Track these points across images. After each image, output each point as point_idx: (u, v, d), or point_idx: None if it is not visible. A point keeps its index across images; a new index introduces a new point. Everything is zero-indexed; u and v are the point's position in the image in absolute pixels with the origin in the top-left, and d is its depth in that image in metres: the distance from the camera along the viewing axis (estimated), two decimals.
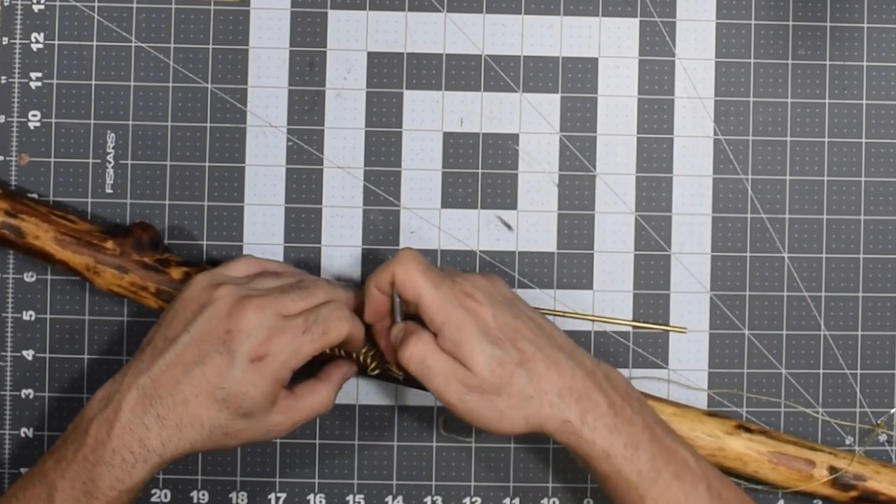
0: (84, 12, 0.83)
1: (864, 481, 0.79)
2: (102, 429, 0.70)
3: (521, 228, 0.84)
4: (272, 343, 0.70)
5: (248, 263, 0.77)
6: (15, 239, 0.78)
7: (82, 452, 0.69)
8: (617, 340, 0.83)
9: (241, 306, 0.70)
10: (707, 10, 0.84)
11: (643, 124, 0.84)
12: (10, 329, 0.82)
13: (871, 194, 0.84)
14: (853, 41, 0.84)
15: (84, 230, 0.79)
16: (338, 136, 0.83)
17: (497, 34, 0.84)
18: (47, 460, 0.71)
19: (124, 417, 0.69)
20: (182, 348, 0.70)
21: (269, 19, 0.83)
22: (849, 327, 0.84)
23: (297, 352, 0.71)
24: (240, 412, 0.70)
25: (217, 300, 0.71)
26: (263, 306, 0.71)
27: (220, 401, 0.70)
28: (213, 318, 0.70)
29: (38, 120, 0.83)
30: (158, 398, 0.70)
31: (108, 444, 0.69)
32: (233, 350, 0.70)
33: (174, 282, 0.79)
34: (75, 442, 0.70)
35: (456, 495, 0.83)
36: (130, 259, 0.79)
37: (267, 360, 0.70)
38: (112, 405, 0.70)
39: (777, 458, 0.79)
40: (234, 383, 0.70)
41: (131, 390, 0.70)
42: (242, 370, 0.70)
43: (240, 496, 0.83)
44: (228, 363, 0.69)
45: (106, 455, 0.69)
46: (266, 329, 0.70)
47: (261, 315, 0.70)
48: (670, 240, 0.84)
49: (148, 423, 0.69)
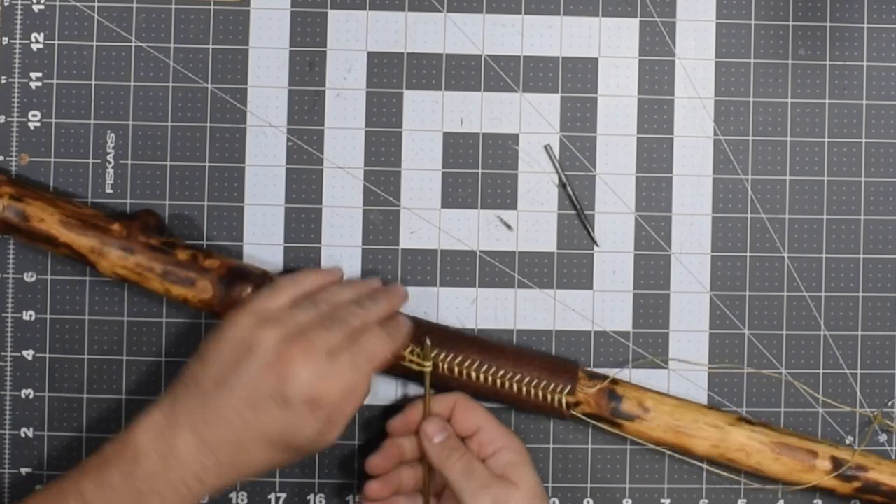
0: (84, 12, 0.83)
1: (865, 472, 0.79)
2: (157, 463, 0.69)
3: (521, 228, 0.84)
4: (325, 385, 0.71)
5: (287, 293, 0.76)
6: (19, 223, 0.78)
7: (132, 482, 0.69)
8: (617, 340, 0.83)
9: (290, 351, 0.71)
10: (707, 10, 0.84)
11: (643, 124, 0.84)
12: (10, 329, 0.82)
13: (871, 194, 0.84)
14: (853, 41, 0.84)
15: (90, 214, 0.79)
16: (338, 136, 0.83)
17: (497, 34, 0.84)
18: (82, 480, 0.70)
19: (181, 456, 0.69)
20: (233, 395, 0.70)
21: (269, 19, 0.83)
22: (849, 327, 0.84)
23: (348, 388, 0.72)
24: (295, 448, 0.72)
25: (263, 343, 0.71)
26: (312, 349, 0.71)
27: (275, 443, 0.71)
28: (264, 363, 0.70)
29: (38, 120, 0.83)
30: (215, 444, 0.70)
31: (163, 478, 0.69)
32: (287, 397, 0.70)
33: (181, 263, 0.78)
34: (122, 469, 0.70)
35: None
36: (136, 240, 0.78)
37: (321, 403, 0.71)
38: (166, 441, 0.70)
39: (779, 449, 0.79)
40: (291, 428, 0.71)
41: (185, 430, 0.70)
42: (299, 414, 0.70)
43: (240, 496, 0.83)
44: (283, 408, 0.70)
45: (159, 487, 0.69)
46: (317, 372, 0.70)
47: (310, 358, 0.71)
48: (670, 240, 0.84)
49: (206, 463, 0.70)
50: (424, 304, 0.83)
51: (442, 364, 0.78)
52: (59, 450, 0.82)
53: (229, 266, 0.79)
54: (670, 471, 0.83)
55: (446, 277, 0.83)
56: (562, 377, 0.79)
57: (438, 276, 0.83)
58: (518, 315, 0.83)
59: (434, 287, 0.83)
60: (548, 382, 0.79)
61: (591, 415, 0.80)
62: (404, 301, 0.80)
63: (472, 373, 0.79)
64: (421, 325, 0.80)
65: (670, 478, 0.83)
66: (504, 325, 0.83)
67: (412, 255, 0.83)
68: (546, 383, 0.79)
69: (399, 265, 0.83)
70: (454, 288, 0.83)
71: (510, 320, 0.83)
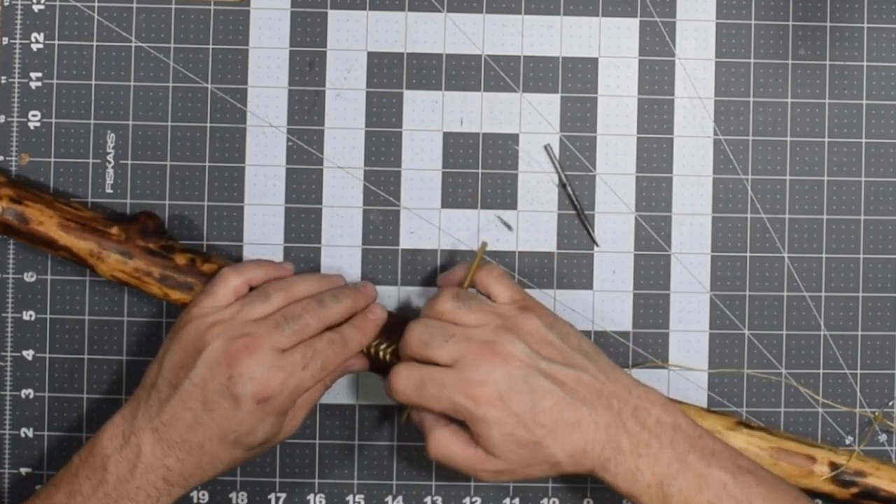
0: (84, 12, 0.83)
1: (864, 477, 0.79)
2: (124, 467, 0.70)
3: (521, 228, 0.84)
4: (273, 383, 0.71)
5: (228, 286, 0.75)
6: (19, 225, 0.78)
7: (103, 489, 0.70)
8: (617, 340, 0.83)
9: (235, 349, 0.71)
10: (707, 10, 0.84)
11: (643, 124, 0.84)
12: (10, 329, 0.82)
13: (871, 194, 0.84)
14: (853, 41, 0.84)
15: (89, 217, 0.79)
16: (338, 136, 0.83)
17: (497, 34, 0.84)
18: (55, 494, 0.71)
19: (146, 459, 0.70)
20: (187, 395, 0.71)
21: (269, 19, 0.83)
22: (849, 327, 0.84)
23: (299, 387, 0.72)
24: (253, 444, 0.72)
25: (210, 343, 0.72)
26: (258, 347, 0.71)
27: (232, 441, 0.71)
28: (212, 364, 0.71)
29: (38, 120, 0.83)
30: (175, 443, 0.71)
31: (131, 482, 0.70)
32: (237, 394, 0.71)
33: (178, 267, 0.78)
34: (92, 478, 0.71)
35: (456, 495, 0.83)
36: (135, 244, 0.79)
37: (271, 400, 0.71)
38: (130, 447, 0.71)
39: (778, 454, 0.79)
40: (244, 425, 0.71)
41: (147, 433, 0.71)
42: (250, 412, 0.71)
43: (240, 496, 0.83)
44: (235, 407, 0.71)
45: (130, 492, 0.70)
46: (265, 369, 0.71)
47: (257, 356, 0.71)
48: (670, 240, 0.84)
49: (169, 464, 0.71)
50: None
51: None
52: (59, 450, 0.82)
53: None
54: None
55: None
56: None
57: (438, 276, 0.83)
58: None
59: (434, 287, 0.83)
60: None
61: None
62: (371, 299, 0.78)
63: None
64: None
65: None
66: None
67: (412, 255, 0.83)
68: None
69: (399, 265, 0.83)
70: None
71: None
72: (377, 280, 0.83)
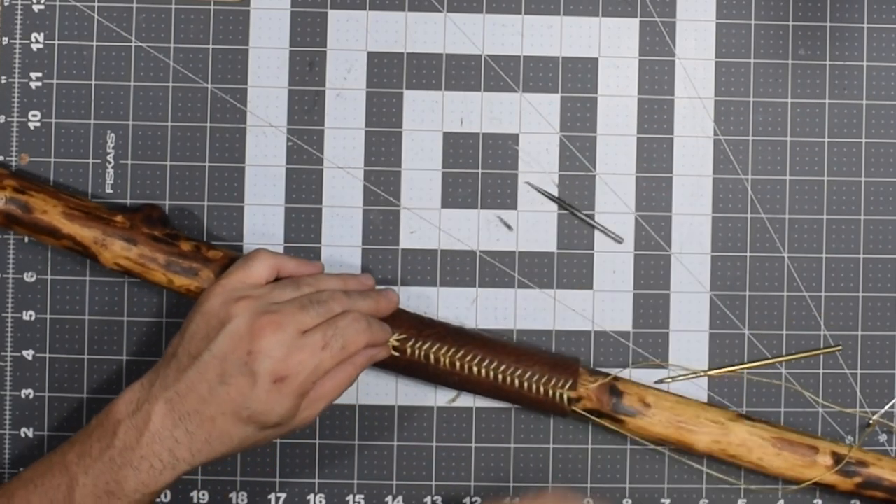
0: (84, 12, 0.83)
1: (867, 467, 0.79)
2: (132, 434, 0.70)
3: (521, 228, 0.84)
4: (292, 362, 0.71)
5: (263, 264, 0.76)
6: (22, 215, 0.78)
7: (109, 453, 0.70)
8: (617, 340, 0.83)
9: (259, 325, 0.71)
10: (707, 10, 0.84)
11: (643, 124, 0.84)
12: (10, 329, 0.82)
13: (871, 194, 0.84)
14: (853, 41, 0.84)
15: (93, 206, 0.79)
16: (338, 136, 0.83)
17: (497, 34, 0.84)
18: (69, 452, 0.71)
19: (154, 428, 0.70)
20: (204, 366, 0.71)
21: (269, 19, 0.83)
22: (848, 327, 0.84)
23: (318, 368, 0.72)
24: (266, 426, 0.72)
25: (236, 317, 0.72)
26: (282, 325, 0.71)
27: (245, 418, 0.71)
28: (234, 337, 0.71)
29: (38, 120, 0.83)
30: (186, 415, 0.70)
31: (136, 450, 0.70)
32: (255, 371, 0.70)
33: (184, 253, 0.78)
34: (101, 441, 0.71)
35: (456, 495, 0.83)
36: (140, 231, 0.79)
37: (289, 380, 0.71)
38: (142, 414, 0.71)
39: (780, 444, 0.79)
40: (258, 403, 0.71)
41: (159, 402, 0.71)
42: (266, 391, 0.70)
43: (240, 496, 0.83)
44: (251, 384, 0.70)
45: (134, 460, 0.70)
46: (286, 348, 0.71)
47: (280, 334, 0.71)
48: (670, 240, 0.84)
49: (178, 436, 0.70)
50: (424, 305, 0.83)
51: (444, 359, 0.78)
52: None
53: (232, 257, 0.79)
54: (670, 471, 0.83)
55: (446, 277, 0.83)
56: (563, 372, 0.79)
57: (438, 276, 0.83)
58: (518, 315, 0.83)
59: (434, 287, 0.83)
60: (549, 377, 0.79)
61: (592, 410, 0.79)
62: (394, 307, 0.79)
63: (474, 367, 0.79)
64: (422, 321, 0.80)
65: (670, 478, 0.83)
66: (504, 325, 0.83)
67: (412, 255, 0.83)
68: (547, 378, 0.79)
69: (399, 265, 0.83)
70: (454, 288, 0.83)
71: (510, 320, 0.83)
72: (377, 280, 0.83)
